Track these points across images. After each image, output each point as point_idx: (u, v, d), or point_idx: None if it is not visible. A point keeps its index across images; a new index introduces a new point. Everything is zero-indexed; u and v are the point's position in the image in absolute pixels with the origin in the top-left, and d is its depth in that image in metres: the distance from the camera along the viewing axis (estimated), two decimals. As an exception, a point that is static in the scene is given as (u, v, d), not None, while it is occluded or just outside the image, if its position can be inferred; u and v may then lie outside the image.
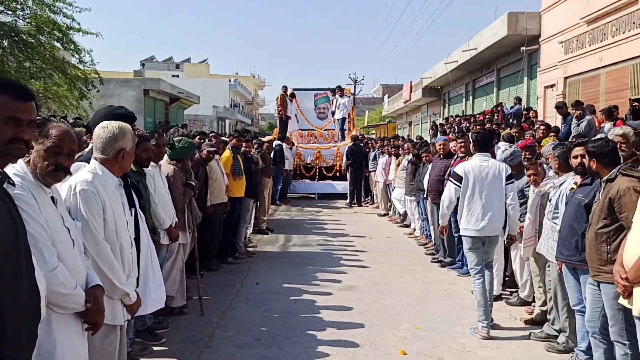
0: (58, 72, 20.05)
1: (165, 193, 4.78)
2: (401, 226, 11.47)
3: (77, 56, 20.33)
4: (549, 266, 4.88)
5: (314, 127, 19.00)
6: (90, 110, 20.46)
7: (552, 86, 15.00)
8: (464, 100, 24.17)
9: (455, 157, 7.72)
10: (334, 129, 18.21)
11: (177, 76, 64.57)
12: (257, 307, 5.76)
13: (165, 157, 5.39)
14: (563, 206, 4.44)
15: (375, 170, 13.75)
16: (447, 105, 26.78)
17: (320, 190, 16.05)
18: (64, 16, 19.11)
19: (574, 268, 4.19)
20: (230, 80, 68.55)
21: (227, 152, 7.77)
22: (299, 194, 16.40)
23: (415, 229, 10.47)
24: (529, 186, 5.51)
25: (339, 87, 17.70)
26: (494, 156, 6.01)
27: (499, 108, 16.10)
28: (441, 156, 8.00)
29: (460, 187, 5.20)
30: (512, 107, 16.08)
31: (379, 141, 14.03)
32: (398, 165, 11.70)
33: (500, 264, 6.20)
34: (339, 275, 7.16)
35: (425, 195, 8.90)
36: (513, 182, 5.32)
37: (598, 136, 4.75)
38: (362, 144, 14.99)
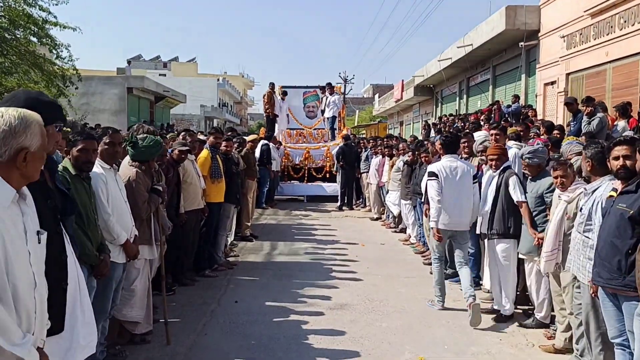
0: (34, 68, 19.12)
1: (123, 201, 3.96)
2: (395, 231, 10.72)
3: (54, 51, 19.39)
4: (578, 287, 4.14)
5: (303, 127, 18.18)
6: (70, 109, 19.56)
7: (552, 83, 14.34)
8: (457, 99, 23.51)
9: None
10: (323, 128, 17.43)
11: (164, 75, 63.60)
12: (233, 333, 4.96)
13: (127, 158, 4.59)
14: (598, 217, 3.69)
15: (367, 172, 12.99)
16: (439, 104, 26.11)
17: (309, 193, 15.26)
18: (40, 9, 18.06)
19: (614, 294, 3.45)
20: (218, 80, 67.59)
21: (204, 152, 6.97)
22: (287, 196, 15.60)
23: (410, 235, 9.73)
24: (551, 191, 4.77)
25: (329, 84, 16.91)
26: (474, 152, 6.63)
27: (495, 107, 15.41)
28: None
29: (438, 182, 5.59)
30: (509, 106, 15.43)
31: (371, 141, 13.28)
32: (392, 166, 10.96)
33: (512, 280, 5.45)
34: (329, 290, 6.37)
35: (422, 200, 8.15)
36: (477, 182, 5.75)
37: None
38: (353, 144, 14.22)
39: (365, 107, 61.17)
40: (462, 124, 17.00)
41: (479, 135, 7.00)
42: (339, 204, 13.84)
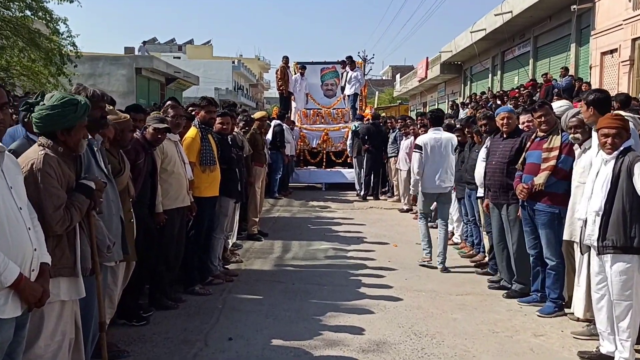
0: (30, 45, 17.64)
1: (10, 207, 2.27)
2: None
3: (51, 26, 17.85)
4: None
5: (321, 106, 16.39)
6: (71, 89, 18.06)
7: (612, 51, 12.33)
8: (490, 75, 21.46)
9: (528, 136, 5.21)
10: (343, 108, 15.63)
11: (179, 57, 62.10)
12: (221, 399, 3.32)
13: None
14: None
15: (396, 156, 11.23)
16: (468, 82, 24.07)
17: (328, 180, 13.55)
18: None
19: None
20: (234, 62, 65.90)
21: (191, 131, 5.28)
22: (303, 184, 13.92)
23: (453, 234, 7.99)
24: None
25: (349, 57, 15.06)
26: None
27: (542, 81, 13.45)
28: (504, 135, 5.47)
29: (422, 155, 6.34)
30: (556, 80, 13.48)
31: (400, 120, 11.49)
32: None
33: (635, 313, 3.70)
34: (359, 317, 4.68)
35: (475, 190, 6.42)
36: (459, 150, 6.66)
37: None
38: (381, 124, 12.42)
39: (384, 89, 58.94)
40: (500, 103, 15.10)
41: (560, 106, 5.21)
42: (362, 192, 12.11)
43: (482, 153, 6.00)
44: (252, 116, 8.31)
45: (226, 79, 59.70)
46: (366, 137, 11.76)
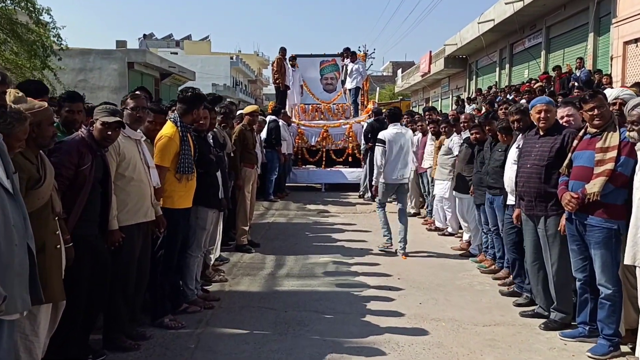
0: (12, 37, 16.66)
1: None
2: (444, 234, 8.04)
3: (33, 16, 16.86)
4: None
5: (320, 101, 15.42)
6: (59, 85, 17.04)
7: (636, 40, 11.35)
8: (497, 69, 20.44)
9: (573, 133, 4.25)
10: (344, 103, 14.67)
11: (176, 53, 61.02)
12: None
13: None
14: None
15: (401, 155, 10.27)
16: (474, 77, 23.06)
17: (327, 180, 12.59)
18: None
19: None
20: (232, 58, 64.78)
21: (169, 129, 4.26)
22: (301, 184, 12.96)
23: (469, 243, 7.05)
24: None
25: (347, 49, 14.07)
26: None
27: (555, 73, 12.47)
28: (541, 132, 4.50)
29: (385, 149, 6.74)
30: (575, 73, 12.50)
31: (405, 115, 10.52)
32: (439, 147, 8.26)
33: None
34: (366, 360, 3.74)
35: (499, 196, 5.49)
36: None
37: None
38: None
39: (384, 85, 57.84)
40: (510, 98, 14.14)
41: (612, 93, 4.26)
42: (368, 194, 11.15)
43: (513, 153, 5.04)
44: (241, 111, 7.34)
45: (224, 75, 58.66)
46: (369, 135, 10.79)
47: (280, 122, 11.45)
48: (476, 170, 6.38)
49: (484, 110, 11.93)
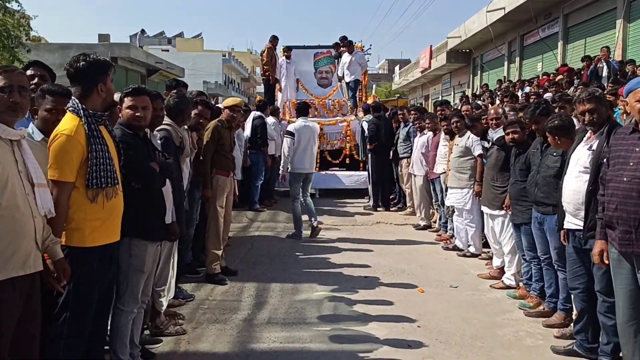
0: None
1: None
2: (465, 255, 6.59)
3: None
4: None
5: (314, 97, 13.89)
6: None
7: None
8: (505, 63, 18.99)
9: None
10: (341, 98, 13.16)
11: (167, 50, 59.40)
12: None
13: None
14: None
15: (408, 157, 8.81)
16: (478, 72, 21.61)
17: (322, 185, 11.08)
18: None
19: None
20: (224, 55, 63.20)
21: (69, 122, 2.75)
22: (293, 189, 11.47)
23: (500, 269, 5.60)
24: None
25: (344, 38, 12.51)
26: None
27: (584, 64, 11.03)
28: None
29: (294, 140, 7.18)
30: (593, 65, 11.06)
31: (414, 112, 9.01)
32: (451, 149, 6.87)
33: None
34: None
35: (551, 215, 4.05)
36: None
37: None
38: (388, 117, 9.96)
39: (380, 83, 56.41)
40: (524, 92, 12.73)
41: None
42: (370, 202, 9.69)
43: (582, 158, 3.59)
44: (219, 105, 5.83)
45: (216, 73, 57.12)
46: (373, 135, 9.31)
47: (270, 119, 9.98)
48: (514, 180, 4.94)
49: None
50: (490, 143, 5.92)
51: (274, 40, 12.26)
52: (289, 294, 5.04)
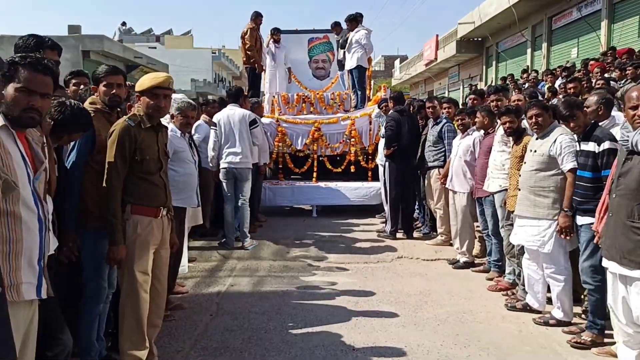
0: None
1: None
2: (545, 323, 4.18)
3: None
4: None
5: (309, 90, 11.46)
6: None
7: None
8: (528, 51, 16.62)
9: None
10: (343, 91, 10.74)
11: (154, 47, 56.93)
12: None
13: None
14: None
15: (441, 166, 6.41)
16: (493, 62, 19.21)
17: (320, 201, 8.70)
18: None
19: None
20: (214, 52, 60.69)
21: None
22: (282, 206, 9.05)
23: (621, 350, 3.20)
24: None
25: (350, 16, 10.02)
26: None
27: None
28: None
29: (217, 132, 6.42)
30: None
31: (446, 106, 6.53)
32: (520, 156, 4.55)
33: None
34: None
35: None
36: (257, 126, 6.67)
37: None
38: (412, 112, 7.45)
39: (377, 80, 54.03)
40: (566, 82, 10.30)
41: None
42: (387, 227, 7.21)
43: None
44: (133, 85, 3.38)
45: (205, 70, 54.68)
46: (393, 135, 6.84)
47: (265, 120, 7.55)
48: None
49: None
50: (625, 149, 3.48)
51: (257, 18, 9.82)
52: None
